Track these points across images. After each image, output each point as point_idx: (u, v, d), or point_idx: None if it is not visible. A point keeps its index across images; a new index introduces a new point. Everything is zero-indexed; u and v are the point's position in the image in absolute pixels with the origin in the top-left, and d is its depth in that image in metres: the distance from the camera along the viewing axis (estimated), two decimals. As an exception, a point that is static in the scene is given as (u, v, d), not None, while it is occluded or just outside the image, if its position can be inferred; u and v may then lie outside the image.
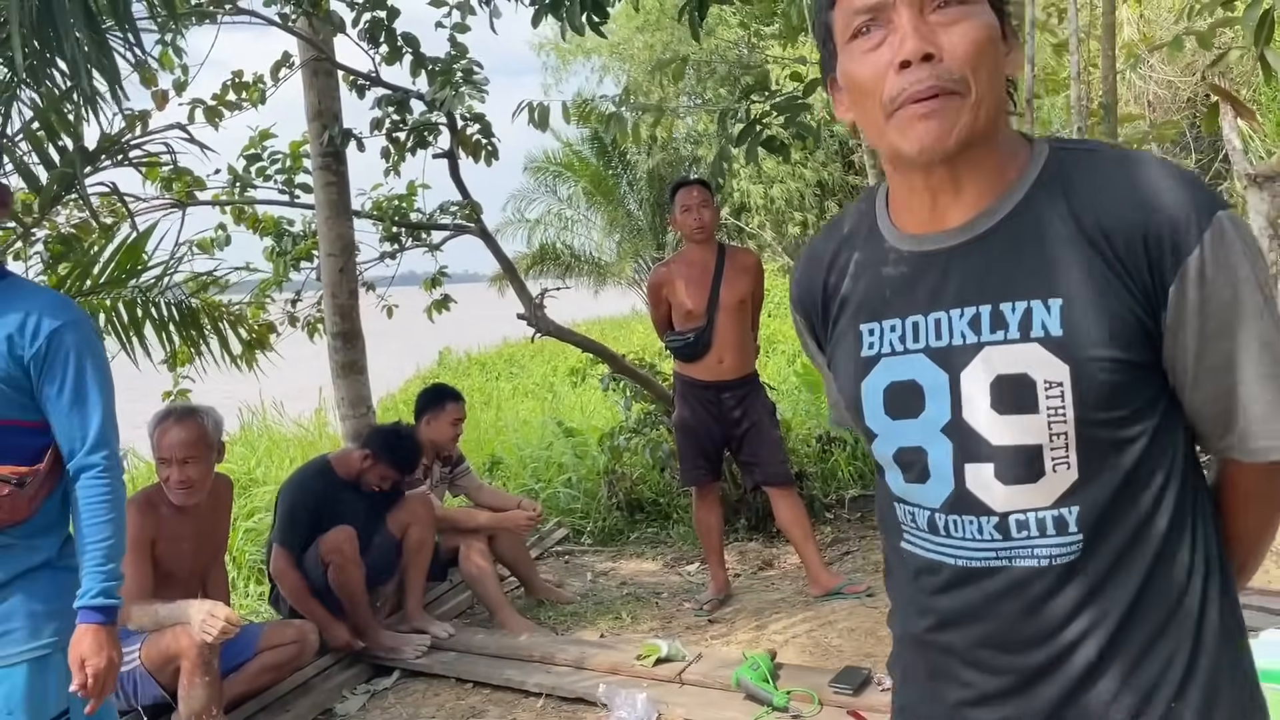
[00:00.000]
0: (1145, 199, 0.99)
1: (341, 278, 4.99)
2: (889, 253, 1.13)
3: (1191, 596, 1.06)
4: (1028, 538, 1.05)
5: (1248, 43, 4.34)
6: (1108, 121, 5.23)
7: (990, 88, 1.01)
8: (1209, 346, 1.00)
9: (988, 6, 1.03)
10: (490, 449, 7.49)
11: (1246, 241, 0.99)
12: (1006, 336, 1.03)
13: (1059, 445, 1.02)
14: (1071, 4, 4.99)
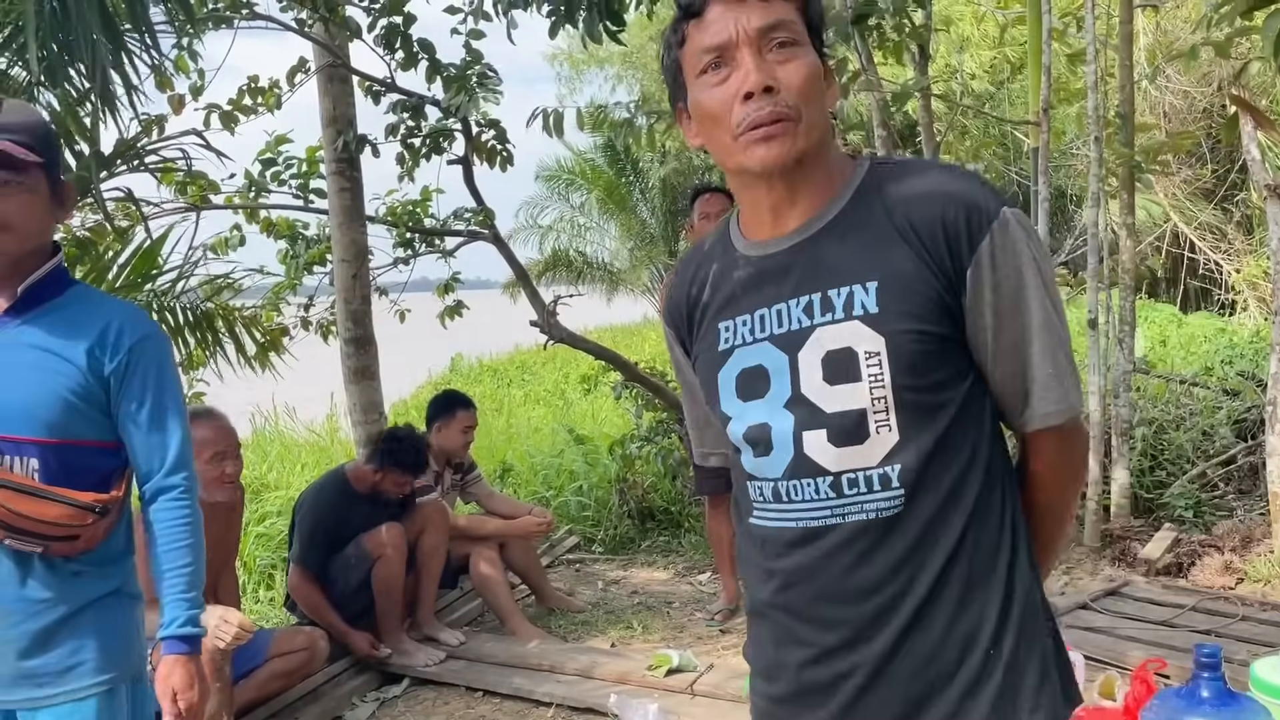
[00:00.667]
0: (945, 197, 1.19)
1: (354, 283, 4.99)
2: (739, 259, 1.31)
3: (1002, 555, 1.22)
4: (858, 494, 1.20)
5: (1267, 53, 4.30)
6: (1124, 131, 5.20)
7: (818, 115, 1.21)
8: (1004, 324, 1.18)
9: (812, 49, 1.23)
10: (502, 456, 7.46)
11: (1029, 234, 1.19)
12: (834, 317, 1.20)
13: (880, 409, 1.18)
14: (1089, 13, 4.96)
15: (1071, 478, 1.31)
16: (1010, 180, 14.26)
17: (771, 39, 1.20)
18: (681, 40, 1.25)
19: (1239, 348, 9.05)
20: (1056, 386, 1.20)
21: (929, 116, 5.81)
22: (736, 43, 1.19)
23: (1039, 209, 5.10)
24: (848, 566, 1.21)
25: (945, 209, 1.18)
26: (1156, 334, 10.77)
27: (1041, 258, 1.20)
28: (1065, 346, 1.21)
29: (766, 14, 1.20)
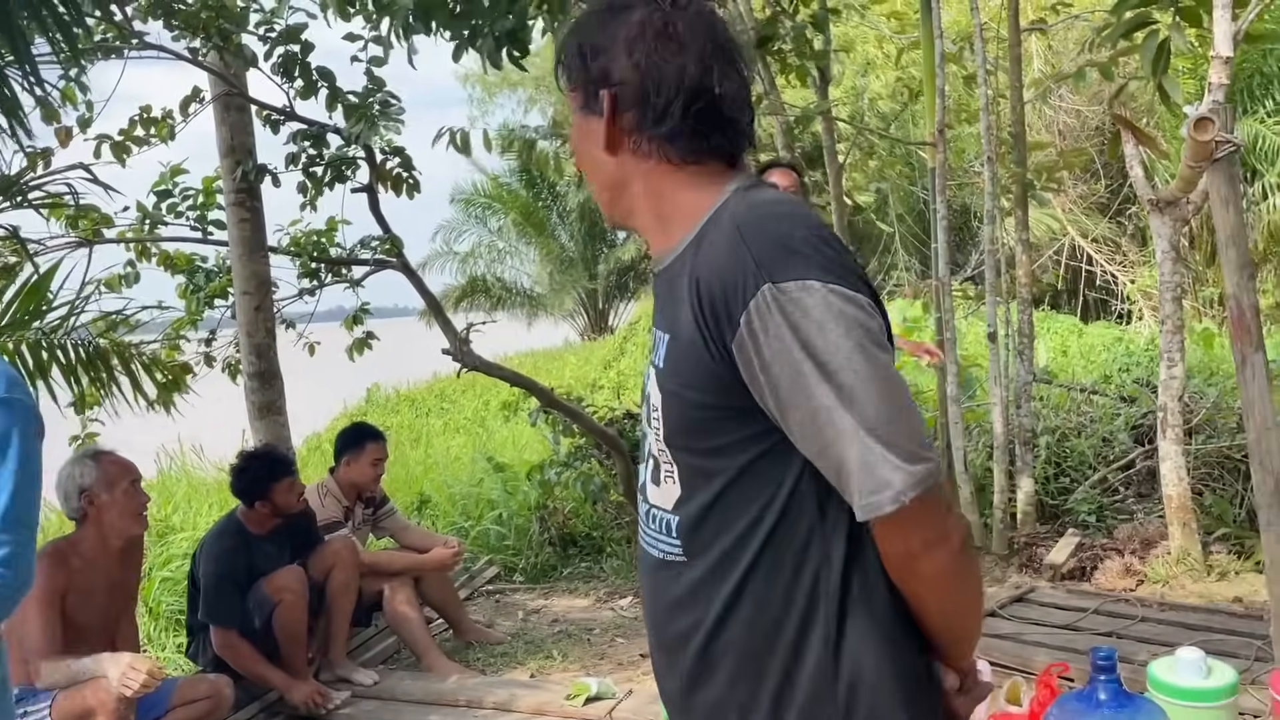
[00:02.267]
0: (721, 266, 1.09)
1: (258, 316, 4.88)
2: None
3: (785, 633, 1.13)
4: (656, 532, 1.22)
5: (1145, 72, 4.50)
6: (1017, 150, 5.38)
7: (599, 178, 1.24)
8: (788, 406, 1.07)
9: (580, 112, 1.22)
10: (419, 487, 7.35)
11: (799, 309, 1.04)
12: (653, 360, 1.21)
13: (666, 460, 1.18)
14: (978, 37, 5.13)
15: (923, 566, 1.11)
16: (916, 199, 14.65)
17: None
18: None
19: (1135, 355, 9.40)
20: (866, 476, 1.05)
21: (832, 139, 5.93)
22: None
23: (938, 226, 5.24)
24: (653, 597, 1.26)
25: (712, 280, 1.10)
26: (1058, 344, 11.12)
27: (813, 339, 1.05)
28: (872, 425, 1.04)
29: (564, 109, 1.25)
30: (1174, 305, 4.36)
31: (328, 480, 4.42)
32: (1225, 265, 2.87)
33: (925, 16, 5.28)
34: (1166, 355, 4.37)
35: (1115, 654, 2.39)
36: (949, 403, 5.29)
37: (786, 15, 5.61)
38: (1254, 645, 3.46)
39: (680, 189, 1.20)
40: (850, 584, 1.14)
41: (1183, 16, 4.27)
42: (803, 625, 1.13)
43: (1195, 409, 5.78)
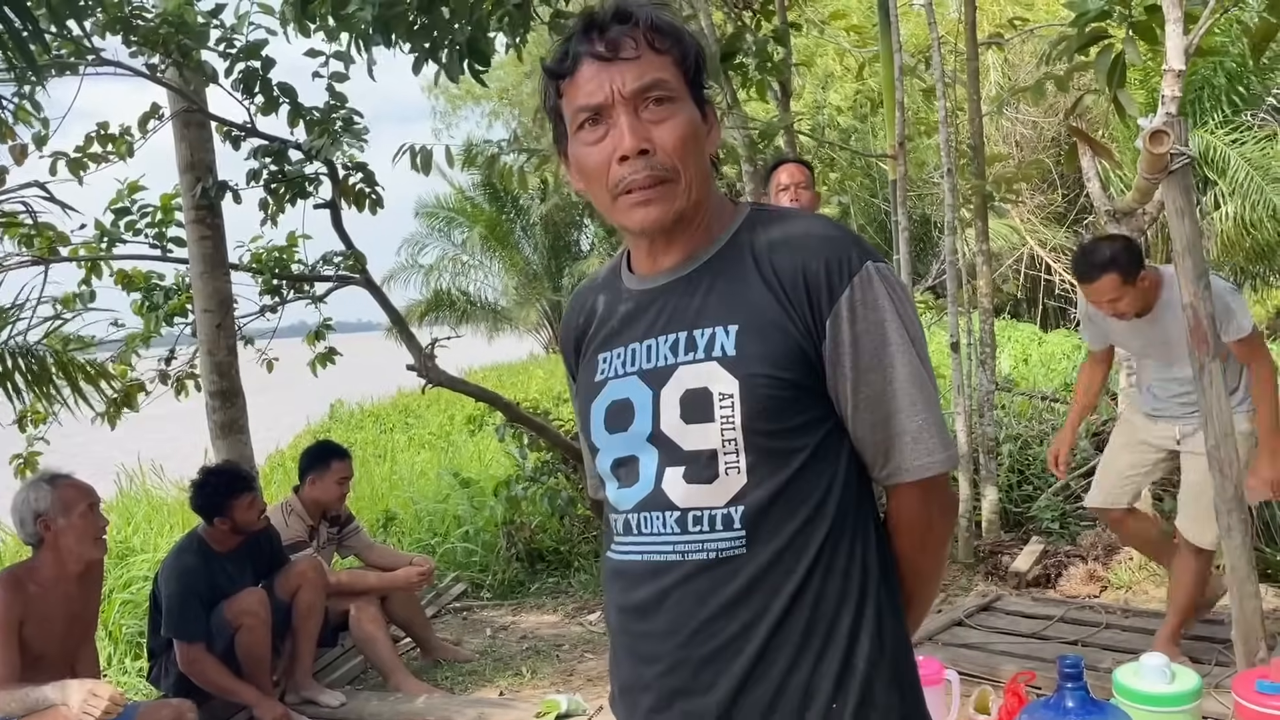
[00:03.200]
0: (808, 248, 1.20)
1: (219, 333, 4.81)
2: (623, 292, 1.33)
3: (847, 607, 1.20)
4: (701, 532, 1.20)
5: (1100, 85, 4.58)
6: (976, 162, 5.45)
7: (696, 170, 1.23)
8: (863, 377, 1.19)
9: (690, 101, 1.23)
10: (384, 505, 7.28)
11: (893, 288, 1.20)
12: (695, 357, 1.21)
13: (730, 451, 1.19)
14: (936, 51, 5.19)
15: (935, 532, 1.30)
16: (877, 210, 14.79)
17: (647, 97, 1.20)
18: (559, 92, 1.26)
19: (1095, 363, 9.52)
20: (927, 440, 1.20)
21: (794, 152, 5.96)
22: (611, 103, 1.20)
23: (899, 238, 5.29)
24: (689, 605, 1.21)
25: (808, 260, 1.19)
26: (1019, 353, 11.26)
27: (906, 313, 1.20)
28: (933, 403, 1.21)
29: (641, 73, 1.20)
30: (1132, 314, 4.42)
31: (292, 499, 4.37)
32: (1182, 275, 2.92)
33: (884, 31, 5.34)
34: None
35: (1082, 662, 2.42)
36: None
37: (749, 30, 5.65)
38: (1216, 650, 3.51)
39: (717, 196, 1.31)
40: (883, 560, 1.26)
41: (1136, 31, 4.36)
42: (859, 604, 1.21)
43: (1154, 416, 5.86)
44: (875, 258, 1.20)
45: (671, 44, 1.22)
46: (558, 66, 1.23)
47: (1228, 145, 11.30)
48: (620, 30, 1.20)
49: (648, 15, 1.21)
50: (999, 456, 5.75)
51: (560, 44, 1.25)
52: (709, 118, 1.27)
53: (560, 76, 1.23)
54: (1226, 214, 11.59)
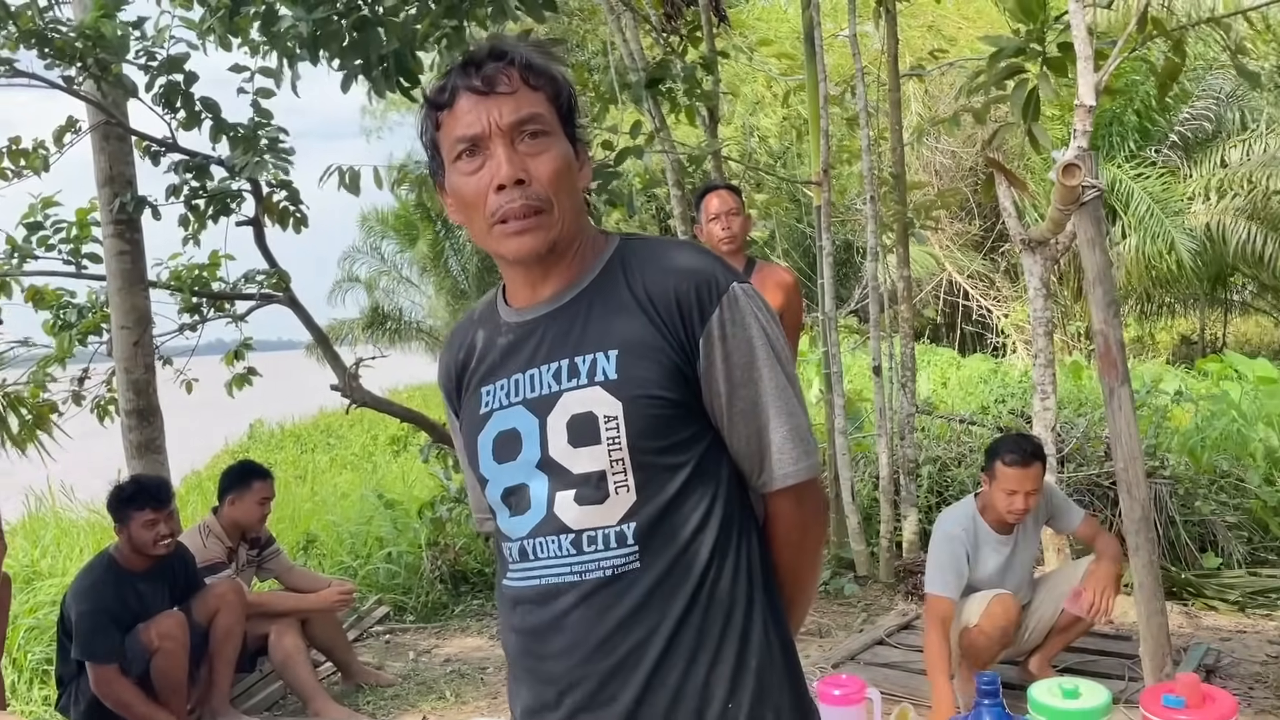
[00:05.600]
0: (680, 271, 1.27)
1: (136, 351, 4.69)
2: (502, 325, 1.37)
3: (737, 609, 1.27)
4: (596, 551, 1.25)
5: (1016, 118, 4.75)
6: (897, 190, 5.59)
7: (569, 202, 1.29)
8: (736, 392, 1.26)
9: (563, 137, 1.30)
10: (306, 526, 7.12)
11: (758, 305, 1.28)
12: (579, 383, 1.26)
13: (618, 470, 1.24)
14: (859, 82, 5.33)
15: (810, 535, 1.37)
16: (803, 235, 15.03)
17: (523, 131, 1.26)
18: (437, 124, 1.30)
19: (1010, 387, 9.81)
20: (792, 449, 1.28)
21: (721, 176, 6.05)
22: (488, 134, 1.25)
23: (822, 263, 5.40)
24: (588, 623, 1.25)
25: (679, 283, 1.26)
26: (939, 376, 11.52)
27: (771, 329, 1.28)
28: (799, 412, 1.30)
29: (517, 107, 1.26)
30: (1046, 340, 4.58)
31: (210, 520, 4.26)
32: (1093, 302, 3.04)
33: (809, 60, 5.46)
34: (1040, 388, 4.57)
35: (998, 679, 2.49)
36: (836, 434, 5.42)
37: (677, 56, 5.74)
38: (1126, 665, 3.63)
39: (590, 228, 1.37)
40: (765, 565, 1.33)
41: (1050, 67, 4.53)
42: (748, 607, 1.27)
43: (1066, 438, 6.06)
44: (740, 279, 1.28)
45: (545, 82, 1.29)
46: (437, 98, 1.29)
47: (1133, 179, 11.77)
48: (496, 66, 1.26)
49: (523, 54, 1.28)
50: (919, 478, 5.87)
51: (440, 79, 1.31)
52: (581, 155, 1.34)
53: (440, 108, 1.29)
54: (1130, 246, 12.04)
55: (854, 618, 4.71)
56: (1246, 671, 3.77)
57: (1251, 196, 12.44)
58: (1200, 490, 5.92)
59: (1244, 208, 12.41)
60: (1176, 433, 6.93)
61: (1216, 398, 8.16)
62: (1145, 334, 16.70)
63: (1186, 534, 5.43)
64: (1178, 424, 7.20)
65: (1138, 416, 6.92)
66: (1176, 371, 11.17)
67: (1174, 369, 11.70)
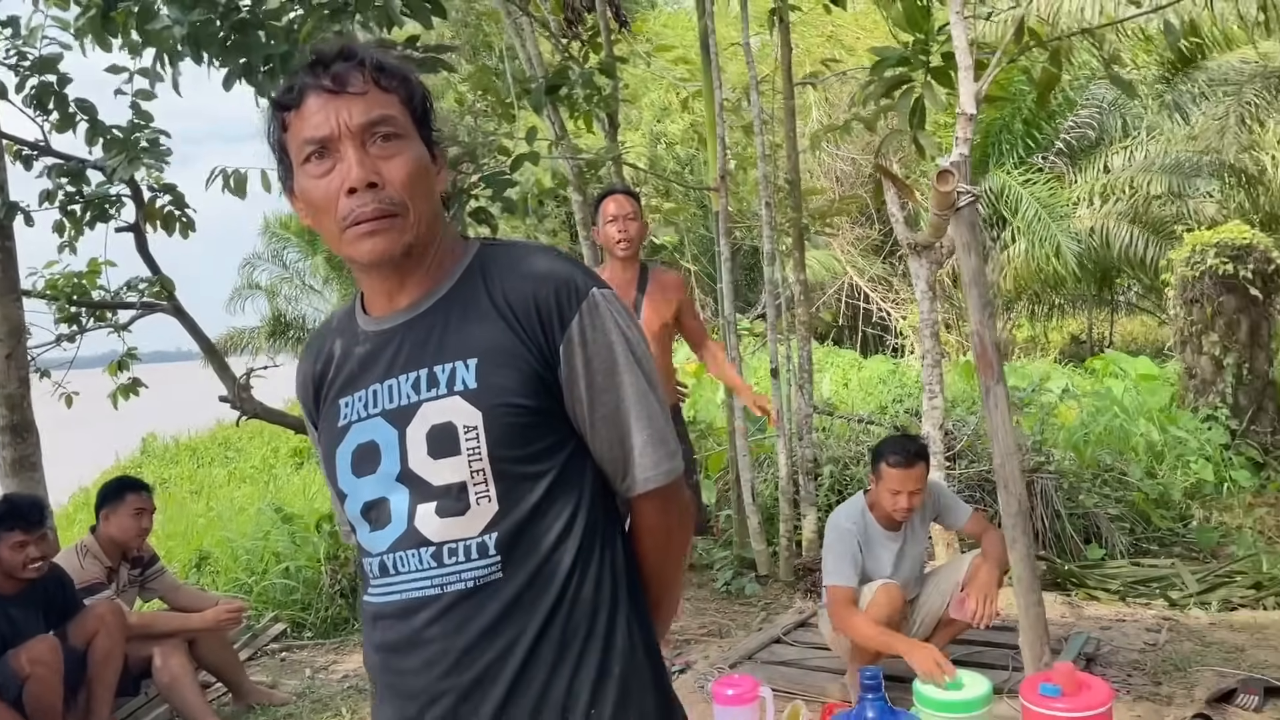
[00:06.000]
0: (539, 278, 1.26)
1: (9, 365, 4.48)
2: (359, 335, 1.34)
3: (601, 614, 1.27)
4: (457, 563, 1.23)
5: (904, 127, 4.88)
6: (793, 196, 5.68)
7: (425, 205, 1.26)
8: (598, 398, 1.26)
9: (418, 140, 1.27)
10: (199, 543, 6.91)
11: (618, 310, 1.28)
12: (438, 393, 1.24)
13: (479, 481, 1.22)
14: (754, 90, 5.40)
15: (674, 539, 1.38)
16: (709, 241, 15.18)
17: (375, 133, 1.23)
18: (284, 125, 1.27)
19: (908, 387, 10.05)
20: (653, 452, 1.29)
21: (622, 181, 6.06)
22: (338, 136, 1.22)
23: (721, 267, 5.45)
24: (448, 636, 1.24)
25: (538, 289, 1.25)
26: (841, 378, 11.74)
27: (631, 334, 1.28)
28: (660, 416, 1.30)
29: (368, 108, 1.22)
30: (933, 341, 4.70)
31: (88, 539, 4.10)
32: (969, 304, 3.13)
33: (705, 68, 5.51)
34: (928, 387, 4.69)
35: (880, 673, 2.54)
36: (737, 436, 5.48)
37: (576, 62, 5.73)
38: (1010, 656, 3.74)
39: (448, 234, 1.35)
40: (630, 570, 1.33)
41: (934, 77, 4.67)
42: (611, 612, 1.27)
43: (957, 435, 6.24)
44: (600, 284, 1.28)
45: (398, 84, 1.26)
46: (283, 98, 1.25)
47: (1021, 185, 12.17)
48: (346, 66, 1.23)
49: (373, 55, 1.25)
50: (819, 478, 5.97)
51: (287, 80, 1.27)
52: (438, 159, 1.31)
53: (286, 108, 1.25)
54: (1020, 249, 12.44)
55: (754, 617, 4.76)
56: (1125, 659, 3.92)
57: (1133, 201, 13.01)
58: (1084, 484, 6.15)
59: (1126, 212, 12.96)
60: (1063, 429, 7.19)
61: (1100, 395, 8.50)
62: (1038, 334, 17.31)
63: (1071, 526, 5.64)
64: (1064, 420, 7.47)
65: (1026, 414, 7.20)
66: (1064, 370, 11.60)
67: (1062, 367, 12.14)
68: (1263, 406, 7.89)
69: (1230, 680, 3.54)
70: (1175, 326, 8.44)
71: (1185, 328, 8.17)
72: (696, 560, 5.61)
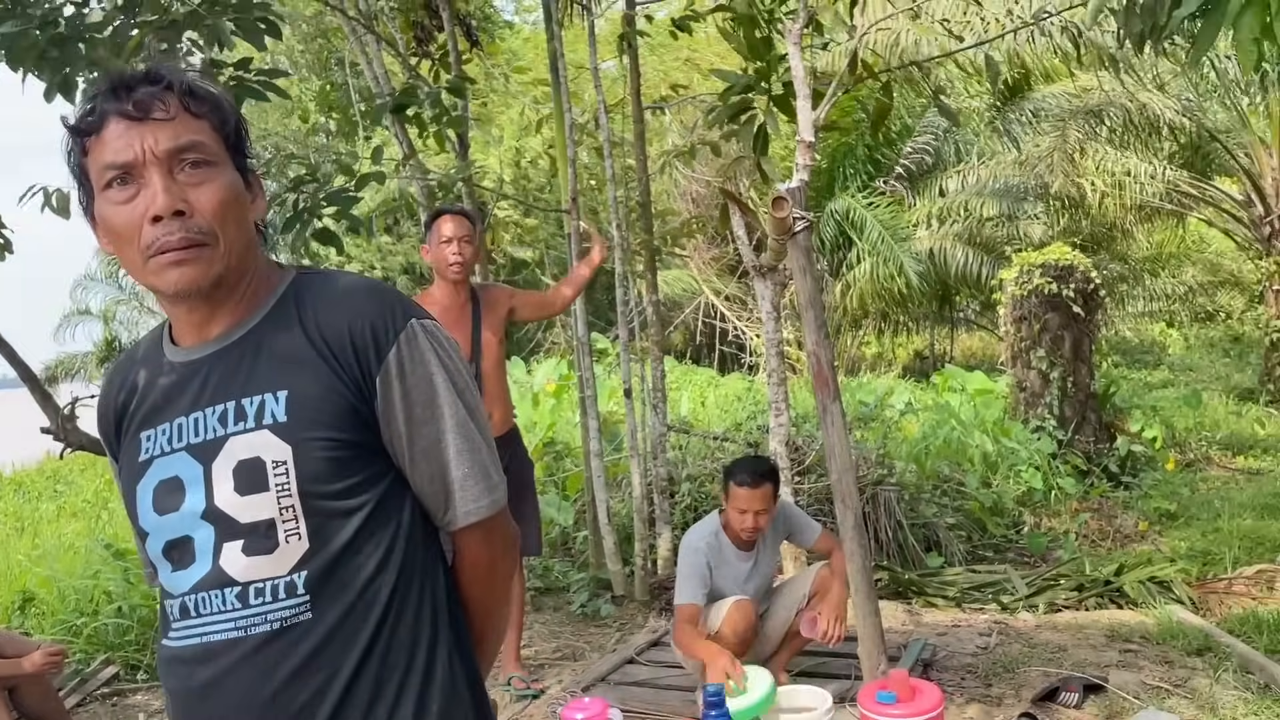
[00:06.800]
0: (354, 309, 1.24)
1: None
2: (164, 365, 1.29)
3: (420, 650, 1.25)
4: (263, 603, 1.19)
5: (748, 152, 5.02)
6: (644, 218, 5.77)
7: (237, 234, 1.22)
8: (417, 431, 1.24)
9: (230, 167, 1.24)
10: (22, 584, 6.46)
11: (438, 341, 1.26)
12: (245, 426, 1.20)
13: (289, 518, 1.19)
14: (602, 113, 5.47)
15: (498, 571, 1.36)
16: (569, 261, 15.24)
17: (183, 159, 1.19)
18: (84, 150, 1.21)
19: (762, 404, 10.28)
20: (474, 485, 1.27)
21: (473, 203, 6.02)
22: (142, 162, 1.17)
23: (574, 289, 5.47)
24: (254, 681, 1.19)
25: (354, 320, 1.23)
26: (698, 395, 11.94)
27: (451, 365, 1.26)
28: (483, 447, 1.29)
29: (175, 134, 1.18)
30: (778, 360, 4.85)
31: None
32: (805, 326, 3.24)
33: (555, 91, 5.54)
34: (774, 405, 4.83)
35: (723, 689, 2.59)
36: (591, 457, 5.49)
37: (424, 81, 5.67)
38: (853, 665, 3.86)
39: (263, 263, 1.31)
40: (452, 603, 1.31)
41: (776, 105, 4.83)
42: (431, 647, 1.25)
43: (807, 451, 6.43)
44: (420, 315, 1.26)
45: (209, 109, 1.23)
46: (81, 123, 1.20)
47: (865, 208, 12.69)
48: (151, 91, 1.19)
49: (183, 79, 1.22)
50: (675, 496, 6.04)
51: (86, 102, 1.22)
52: (253, 186, 1.28)
53: (85, 134, 1.20)
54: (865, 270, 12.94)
55: (609, 638, 4.77)
56: (959, 663, 4.11)
57: (968, 223, 13.75)
58: (925, 495, 6.44)
59: (961, 233, 13.69)
60: (905, 442, 7.51)
61: (940, 408, 8.91)
62: (886, 350, 18.03)
63: (913, 536, 5.88)
64: (906, 434, 7.80)
65: (871, 428, 7.46)
66: (908, 385, 12.13)
67: (907, 382, 12.68)
68: (1085, 417, 8.45)
69: (1053, 679, 3.75)
70: (1007, 342, 8.95)
71: (1015, 344, 8.67)
72: (553, 583, 5.60)
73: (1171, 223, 15.12)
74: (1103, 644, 4.27)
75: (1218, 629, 4.36)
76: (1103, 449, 8.28)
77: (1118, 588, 5.06)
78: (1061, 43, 9.26)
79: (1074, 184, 12.83)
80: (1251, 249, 13.86)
